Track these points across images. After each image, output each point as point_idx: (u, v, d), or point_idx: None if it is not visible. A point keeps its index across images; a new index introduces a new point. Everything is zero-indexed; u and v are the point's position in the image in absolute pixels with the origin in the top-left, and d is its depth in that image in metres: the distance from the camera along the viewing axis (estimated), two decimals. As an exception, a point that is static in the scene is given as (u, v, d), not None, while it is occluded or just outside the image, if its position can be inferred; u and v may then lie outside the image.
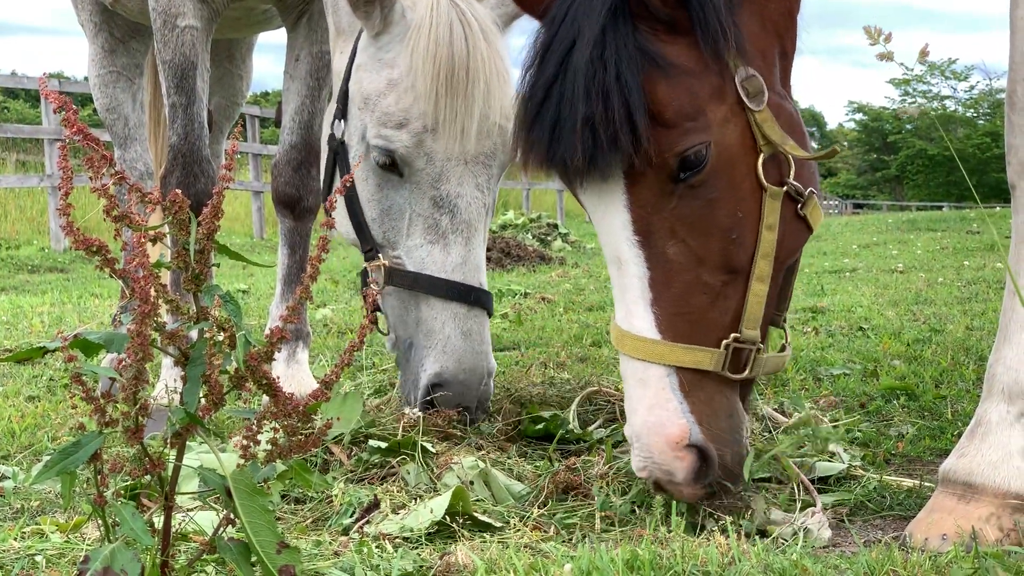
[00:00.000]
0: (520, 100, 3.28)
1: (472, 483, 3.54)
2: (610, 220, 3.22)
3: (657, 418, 3.16)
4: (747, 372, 3.24)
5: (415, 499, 3.45)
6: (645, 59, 3.07)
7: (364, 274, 4.37)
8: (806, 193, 3.26)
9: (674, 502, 3.20)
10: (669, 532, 3.03)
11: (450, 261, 4.20)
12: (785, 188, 3.22)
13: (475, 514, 3.26)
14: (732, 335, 3.20)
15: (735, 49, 3.13)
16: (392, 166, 4.18)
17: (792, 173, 3.24)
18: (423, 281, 4.17)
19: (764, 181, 3.18)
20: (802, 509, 3.31)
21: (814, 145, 3.52)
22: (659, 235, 3.19)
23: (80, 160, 2.29)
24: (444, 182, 4.18)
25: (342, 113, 4.34)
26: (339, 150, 4.36)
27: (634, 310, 3.21)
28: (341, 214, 4.37)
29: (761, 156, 3.19)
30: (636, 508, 3.40)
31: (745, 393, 3.42)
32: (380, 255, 4.26)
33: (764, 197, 3.19)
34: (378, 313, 4.41)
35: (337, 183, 4.35)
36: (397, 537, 3.14)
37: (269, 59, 28.29)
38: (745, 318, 3.21)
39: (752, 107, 3.16)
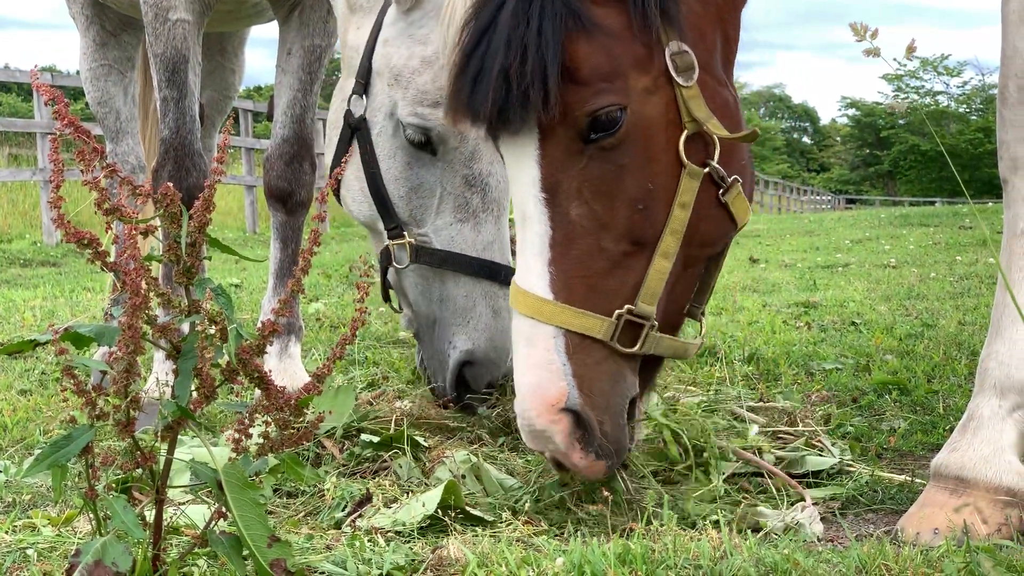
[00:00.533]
0: (457, 48, 3.22)
1: (464, 477, 3.54)
2: (520, 175, 3.17)
3: (538, 379, 3.08)
4: (638, 348, 3.13)
5: (407, 493, 3.45)
6: (570, 16, 3.02)
7: (385, 253, 4.33)
8: (729, 180, 3.20)
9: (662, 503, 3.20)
10: (661, 526, 3.03)
11: (481, 240, 4.21)
12: (707, 170, 3.16)
13: (467, 508, 3.26)
14: (626, 306, 3.11)
15: (667, 21, 3.09)
16: (426, 144, 4.16)
17: (717, 156, 3.16)
18: (454, 259, 4.17)
19: (684, 158, 3.12)
20: (791, 503, 3.32)
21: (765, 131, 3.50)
22: (565, 195, 3.13)
23: (72, 153, 2.29)
24: (477, 161, 4.18)
25: (364, 89, 4.29)
26: (360, 126, 4.30)
27: (531, 267, 3.14)
28: (357, 193, 4.34)
29: (685, 133, 3.13)
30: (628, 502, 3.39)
31: (649, 375, 3.35)
32: (405, 233, 4.25)
33: (682, 174, 3.13)
34: (391, 292, 4.41)
35: (354, 162, 4.30)
36: (389, 531, 3.14)
37: (262, 53, 28.31)
38: (643, 292, 3.13)
39: (680, 82, 3.11)
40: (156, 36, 4.82)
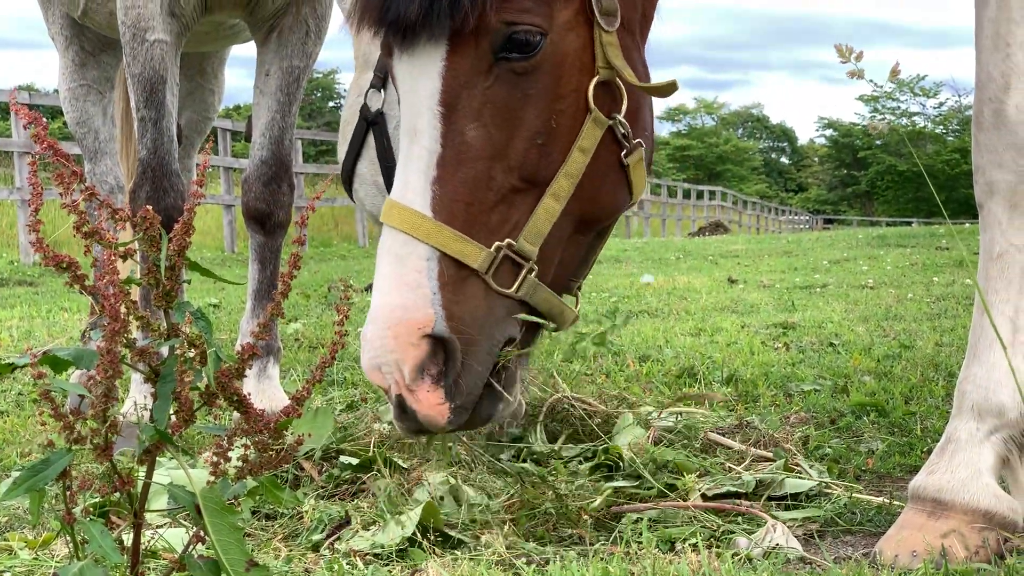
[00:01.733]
0: None
1: (443, 499, 3.54)
2: (417, 87, 3.02)
3: (403, 299, 2.91)
4: (515, 289, 2.99)
5: (386, 515, 3.44)
6: None
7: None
8: (633, 141, 3.13)
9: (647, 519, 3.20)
10: (640, 549, 3.03)
11: None
12: (612, 122, 3.08)
13: (446, 530, 3.26)
14: (507, 240, 2.98)
15: None
16: None
17: (624, 111, 3.09)
18: None
19: (592, 103, 3.03)
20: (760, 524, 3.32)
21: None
22: (464, 113, 2.98)
23: (50, 174, 2.28)
24: None
25: (381, 83, 4.23)
26: (377, 120, 4.24)
27: (412, 183, 2.99)
28: (371, 188, 4.29)
29: (596, 78, 3.04)
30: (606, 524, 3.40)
31: (526, 338, 3.15)
32: None
33: (587, 119, 3.04)
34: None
35: (369, 157, 4.28)
36: (368, 553, 3.13)
37: (240, 73, 28.34)
38: (527, 229, 3.00)
39: (603, 24, 3.03)
40: (134, 57, 4.81)
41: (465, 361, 2.92)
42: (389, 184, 4.16)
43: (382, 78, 4.23)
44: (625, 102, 3.09)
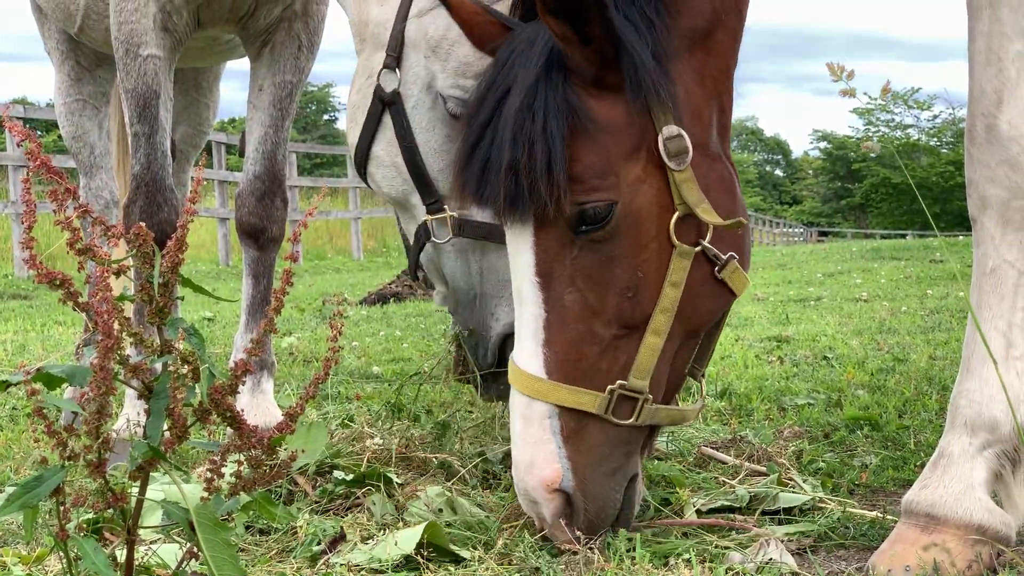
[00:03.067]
0: (460, 139, 3.41)
1: (441, 511, 3.54)
2: (519, 259, 3.32)
3: (533, 457, 3.23)
4: (634, 420, 3.25)
5: (383, 529, 3.44)
6: (571, 113, 3.15)
7: (423, 229, 4.17)
8: (725, 257, 3.30)
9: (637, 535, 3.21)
10: (633, 564, 3.04)
11: None
12: (699, 248, 3.25)
13: (448, 547, 3.25)
14: (619, 382, 3.23)
15: (662, 107, 3.18)
16: None
17: (709, 236, 3.26)
18: (499, 231, 4.04)
19: (675, 239, 3.22)
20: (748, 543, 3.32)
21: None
22: (558, 281, 3.26)
23: (45, 188, 2.29)
24: None
25: (396, 62, 4.17)
26: (394, 100, 4.16)
27: (526, 347, 3.28)
28: (389, 169, 4.26)
29: (676, 214, 3.22)
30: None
31: (647, 440, 3.46)
32: (446, 207, 4.11)
33: (673, 254, 3.23)
34: (420, 272, 4.35)
35: (385, 138, 4.24)
36: (363, 568, 3.13)
37: (234, 86, 28.34)
38: (635, 368, 3.24)
39: (672, 167, 3.20)
40: (127, 72, 4.81)
41: (593, 504, 3.25)
42: (411, 166, 4.15)
43: (396, 57, 4.18)
44: (710, 226, 3.24)
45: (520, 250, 3.30)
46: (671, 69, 3.21)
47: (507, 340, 4.04)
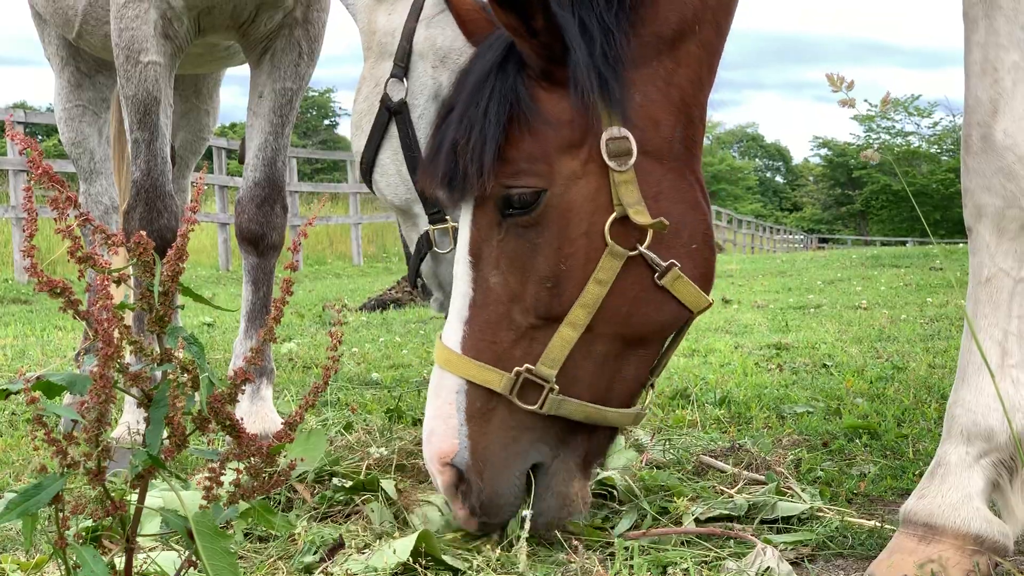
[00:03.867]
0: (432, 123, 3.56)
1: (441, 513, 3.54)
2: (461, 236, 3.44)
3: (433, 428, 3.35)
4: (538, 406, 3.29)
5: (379, 537, 3.44)
6: (516, 100, 3.25)
7: (425, 239, 4.25)
8: (664, 264, 3.30)
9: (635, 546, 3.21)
10: (631, 572, 3.04)
11: None
12: (634, 253, 3.27)
13: (442, 556, 3.26)
14: (526, 365, 3.29)
15: (610, 107, 3.24)
16: None
17: (648, 241, 3.27)
18: None
19: (608, 239, 3.25)
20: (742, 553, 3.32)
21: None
22: (486, 262, 3.37)
23: (45, 193, 2.29)
24: None
25: (404, 72, 4.21)
26: (400, 110, 4.21)
27: (450, 323, 3.40)
28: (393, 178, 4.26)
29: (614, 215, 3.25)
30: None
31: (590, 451, 3.48)
32: (448, 218, 4.18)
33: (604, 253, 3.26)
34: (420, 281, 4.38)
35: (391, 147, 4.25)
36: (359, 576, 3.14)
37: (235, 91, 28.37)
38: (544, 356, 3.30)
39: (613, 167, 3.25)
40: (127, 78, 4.83)
41: (488, 485, 3.32)
42: (413, 173, 4.17)
43: (404, 67, 4.21)
44: (649, 231, 3.26)
45: (462, 228, 3.42)
46: (628, 74, 3.26)
47: None
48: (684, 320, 3.46)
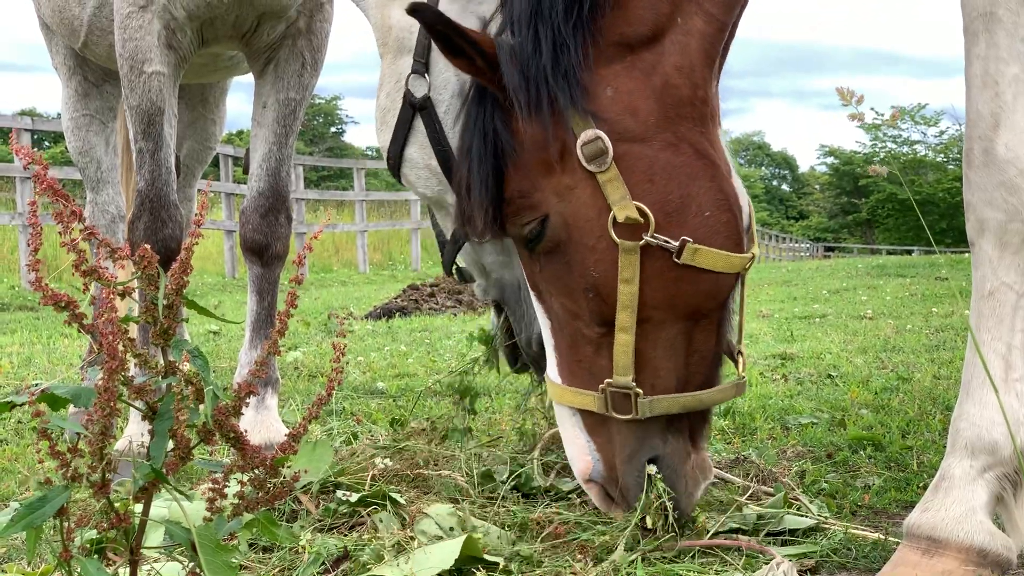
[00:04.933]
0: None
1: (452, 529, 3.55)
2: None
3: (571, 452, 3.57)
4: (633, 415, 3.41)
5: (396, 547, 3.44)
6: (495, 134, 3.38)
7: (459, 230, 4.26)
8: (676, 243, 3.34)
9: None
10: (636, 585, 3.04)
11: None
12: (643, 242, 3.32)
13: (484, 557, 3.27)
14: (606, 380, 3.40)
15: (574, 114, 3.32)
16: None
17: (653, 227, 3.33)
18: None
19: (615, 238, 3.32)
20: (765, 561, 3.32)
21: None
22: (542, 292, 3.54)
23: (50, 203, 2.30)
24: None
25: (425, 68, 4.20)
26: (425, 105, 4.20)
27: (548, 354, 3.59)
28: (423, 171, 4.25)
29: (611, 215, 3.33)
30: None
31: (694, 427, 3.60)
32: None
33: (619, 253, 3.33)
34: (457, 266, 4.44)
35: (418, 141, 4.24)
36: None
37: (242, 98, 28.44)
38: (615, 366, 3.40)
39: (593, 169, 3.33)
40: (132, 88, 4.84)
41: (621, 480, 3.51)
42: (445, 168, 4.18)
43: (424, 63, 4.21)
44: (651, 218, 3.33)
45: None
46: (595, 74, 3.35)
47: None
48: (729, 283, 3.53)
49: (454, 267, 4.46)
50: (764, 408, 5.98)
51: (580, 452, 3.53)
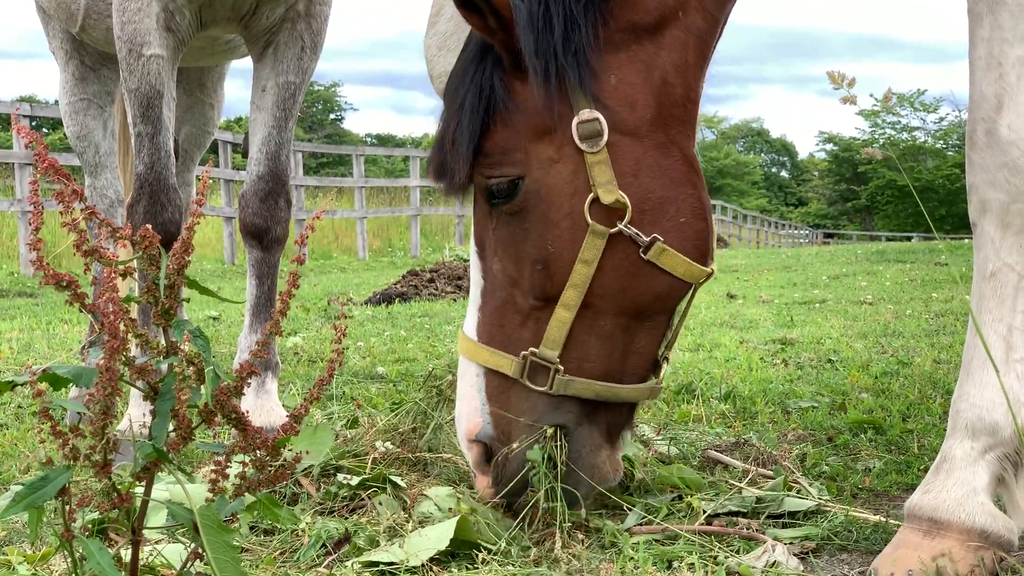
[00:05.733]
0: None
1: (450, 511, 3.55)
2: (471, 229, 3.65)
3: (461, 409, 3.59)
4: (547, 388, 3.45)
5: (392, 529, 3.44)
6: (491, 91, 3.40)
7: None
8: (647, 239, 3.39)
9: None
10: (636, 568, 3.04)
11: None
12: (616, 230, 3.36)
13: (478, 542, 3.27)
14: (530, 348, 3.45)
15: (580, 91, 3.35)
16: None
17: (628, 217, 3.37)
18: None
19: (588, 219, 3.37)
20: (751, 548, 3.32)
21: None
22: (487, 250, 3.57)
23: (51, 186, 2.30)
24: None
25: None
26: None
27: (469, 311, 3.64)
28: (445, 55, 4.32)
29: (591, 195, 3.37)
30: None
31: (614, 425, 3.61)
32: None
33: (587, 233, 3.37)
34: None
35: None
36: (383, 567, 3.14)
37: (240, 84, 28.42)
38: (545, 338, 3.45)
39: (585, 149, 3.37)
40: (130, 72, 4.83)
41: (510, 457, 3.50)
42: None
43: None
44: (628, 208, 3.37)
45: (471, 222, 3.58)
46: (602, 59, 3.38)
47: None
48: (682, 291, 3.56)
49: None
50: (765, 392, 5.98)
51: (472, 411, 3.55)
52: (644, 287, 3.45)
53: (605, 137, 3.36)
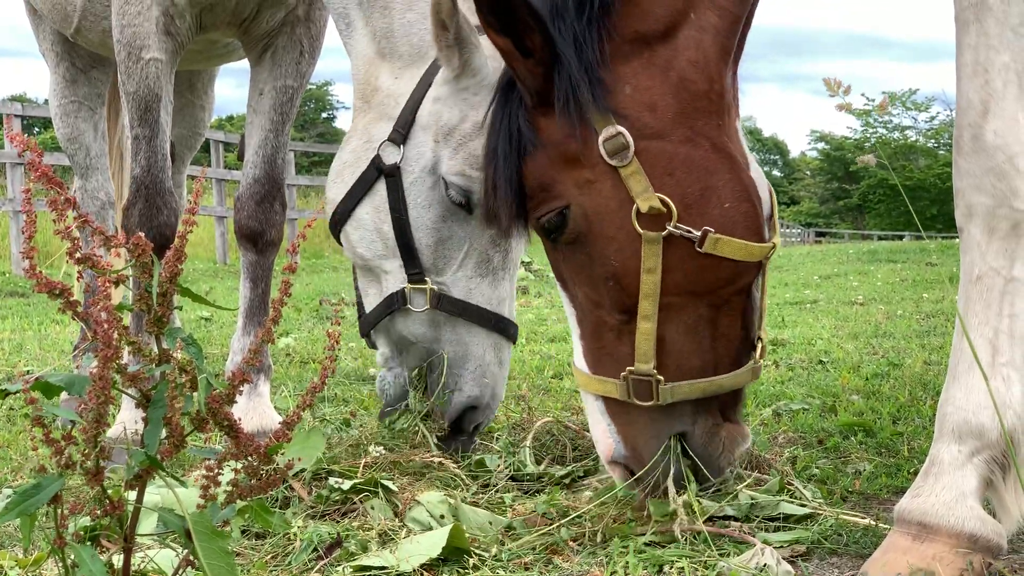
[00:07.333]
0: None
1: (442, 517, 3.56)
2: None
3: (595, 435, 3.70)
4: (654, 401, 3.52)
5: (382, 535, 3.45)
6: (518, 133, 3.49)
7: (399, 296, 4.37)
8: (698, 233, 3.43)
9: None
10: (627, 572, 3.05)
11: (496, 295, 4.38)
12: (666, 232, 3.42)
13: (470, 549, 3.28)
14: (628, 368, 3.51)
15: (595, 111, 3.41)
16: (465, 203, 4.25)
17: (675, 217, 3.42)
18: (472, 311, 4.33)
19: (639, 228, 3.42)
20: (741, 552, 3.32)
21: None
22: (568, 281, 3.65)
23: (43, 189, 2.30)
24: None
25: (402, 139, 4.31)
26: (392, 173, 4.31)
27: (573, 343, 3.71)
28: (370, 233, 4.37)
29: (634, 206, 3.43)
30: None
31: (725, 404, 3.70)
32: (427, 279, 4.31)
33: (642, 243, 3.43)
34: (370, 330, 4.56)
35: (373, 204, 4.37)
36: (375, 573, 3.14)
37: (231, 83, 28.36)
38: (636, 354, 3.50)
39: (615, 164, 3.43)
40: (129, 75, 4.84)
41: (644, 463, 3.60)
42: (400, 236, 4.32)
43: (403, 134, 4.32)
44: (673, 208, 3.42)
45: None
46: (614, 71, 3.43)
47: (466, 413, 4.38)
48: (751, 272, 3.61)
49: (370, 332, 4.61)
50: (755, 394, 5.99)
51: (602, 435, 3.64)
52: (711, 279, 3.51)
53: (632, 147, 3.41)
